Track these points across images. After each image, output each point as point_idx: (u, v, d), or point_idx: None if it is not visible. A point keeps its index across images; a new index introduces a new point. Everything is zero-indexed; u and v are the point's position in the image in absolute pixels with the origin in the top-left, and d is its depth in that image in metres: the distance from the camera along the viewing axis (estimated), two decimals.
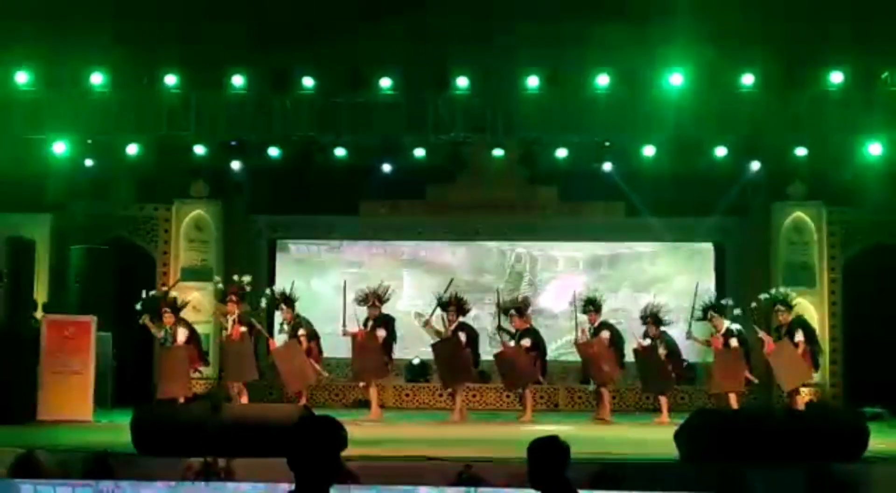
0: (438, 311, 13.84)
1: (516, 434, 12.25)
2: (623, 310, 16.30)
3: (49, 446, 8.94)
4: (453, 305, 13.79)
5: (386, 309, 13.80)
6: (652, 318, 13.89)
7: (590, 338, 14.03)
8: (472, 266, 17.41)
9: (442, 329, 13.77)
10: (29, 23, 14.15)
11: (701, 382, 15.38)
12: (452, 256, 17.48)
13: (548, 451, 5.05)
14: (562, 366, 15.99)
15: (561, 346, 16.20)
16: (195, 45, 14.57)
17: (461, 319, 13.86)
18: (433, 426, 13.06)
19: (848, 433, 8.77)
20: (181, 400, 12.96)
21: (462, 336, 13.67)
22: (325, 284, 16.95)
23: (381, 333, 13.52)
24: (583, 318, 14.10)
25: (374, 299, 13.67)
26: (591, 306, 14.11)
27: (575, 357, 14.81)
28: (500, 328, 14.19)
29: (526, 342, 13.72)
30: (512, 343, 13.87)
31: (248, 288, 13.90)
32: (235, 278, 13.94)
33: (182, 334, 13.42)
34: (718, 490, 7.67)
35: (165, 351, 13.61)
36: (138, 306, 13.69)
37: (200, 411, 9.22)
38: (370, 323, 13.59)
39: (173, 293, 14.10)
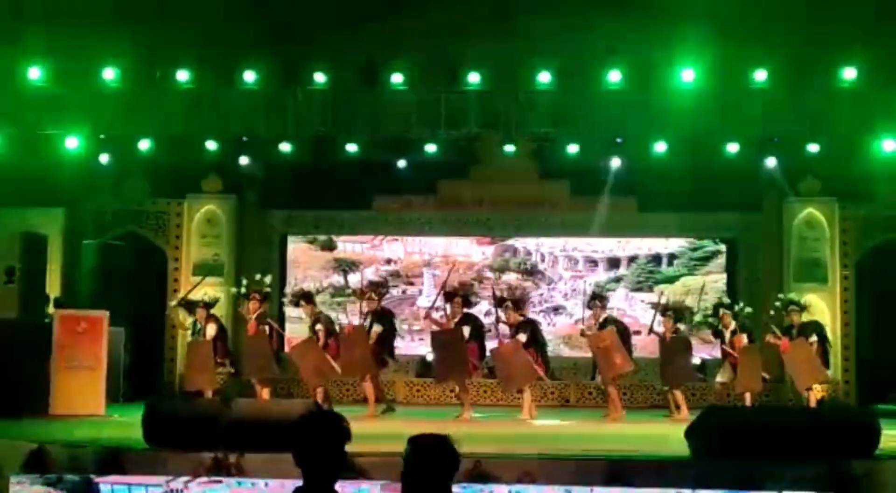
0: (440, 302, 13.47)
1: (526, 430, 12.28)
2: (632, 309, 16.29)
3: (61, 440, 8.98)
4: (458, 296, 13.31)
5: (401, 306, 13.74)
6: (673, 312, 13.83)
7: (597, 332, 13.72)
8: (497, 264, 17.41)
9: (443, 322, 13.37)
10: (42, 19, 14.17)
11: (711, 379, 15.33)
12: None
13: (429, 456, 3.95)
14: (573, 361, 15.96)
15: (573, 342, 16.18)
16: (207, 42, 14.56)
17: (466, 310, 13.39)
18: (443, 422, 13.03)
19: (860, 430, 8.74)
20: (210, 393, 13.09)
21: (465, 330, 13.08)
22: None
23: (377, 328, 13.31)
24: (589, 314, 13.94)
25: (369, 292, 13.59)
26: (598, 301, 13.91)
27: (586, 353, 14.73)
28: (498, 321, 13.52)
29: (522, 337, 13.01)
30: (507, 341, 13.23)
31: (269, 289, 13.99)
32: (258, 277, 13.98)
33: (211, 329, 13.57)
34: (730, 487, 7.65)
35: (194, 344, 13.74)
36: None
37: (212, 405, 9.23)
38: (368, 318, 13.43)
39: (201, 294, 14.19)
